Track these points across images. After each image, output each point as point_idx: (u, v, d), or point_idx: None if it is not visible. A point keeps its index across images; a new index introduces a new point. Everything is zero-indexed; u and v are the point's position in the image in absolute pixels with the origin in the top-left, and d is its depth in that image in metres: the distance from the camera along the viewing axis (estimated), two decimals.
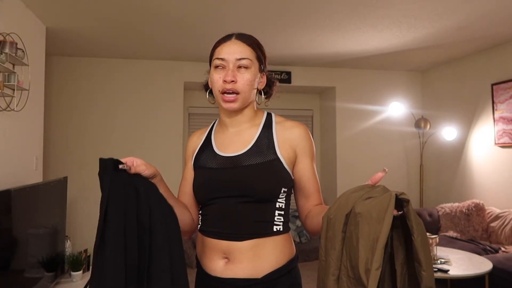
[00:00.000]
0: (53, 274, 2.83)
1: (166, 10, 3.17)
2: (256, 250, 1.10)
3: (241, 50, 1.14)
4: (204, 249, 1.16)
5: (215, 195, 1.14)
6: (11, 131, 2.81)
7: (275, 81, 1.26)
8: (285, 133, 1.17)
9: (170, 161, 4.72)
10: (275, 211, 1.13)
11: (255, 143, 1.16)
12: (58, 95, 4.48)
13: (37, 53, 3.26)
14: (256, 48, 1.17)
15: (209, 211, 1.16)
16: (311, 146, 1.18)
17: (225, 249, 1.11)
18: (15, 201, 2.23)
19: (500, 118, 4.04)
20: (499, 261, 3.15)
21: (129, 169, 1.00)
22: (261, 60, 1.19)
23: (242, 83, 1.13)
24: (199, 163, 1.21)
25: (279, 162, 1.13)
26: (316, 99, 5.75)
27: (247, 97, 1.16)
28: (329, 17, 3.35)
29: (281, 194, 1.13)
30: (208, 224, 1.16)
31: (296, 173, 1.16)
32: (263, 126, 1.20)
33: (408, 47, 4.18)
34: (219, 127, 1.27)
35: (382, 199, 0.85)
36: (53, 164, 4.34)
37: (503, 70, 4.03)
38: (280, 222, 1.14)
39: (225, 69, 1.14)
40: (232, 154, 1.16)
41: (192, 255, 4.56)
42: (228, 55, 1.14)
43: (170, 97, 4.76)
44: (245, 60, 1.13)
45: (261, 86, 1.21)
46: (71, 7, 3.11)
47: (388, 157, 5.19)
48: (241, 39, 1.16)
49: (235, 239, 1.10)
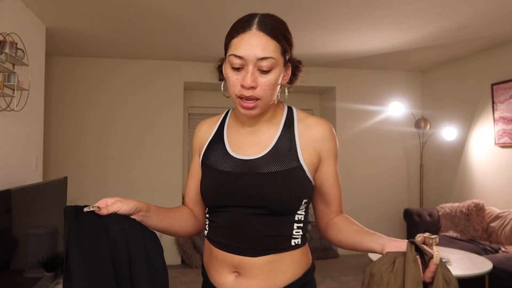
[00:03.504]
0: (53, 274, 2.83)
1: (166, 10, 3.17)
2: (271, 265, 0.98)
3: (263, 46, 0.93)
4: (212, 260, 1.04)
5: (226, 202, 1.00)
6: (11, 131, 2.81)
7: (300, 67, 1.07)
8: (308, 133, 1.02)
9: (170, 161, 4.72)
10: (294, 224, 1.00)
11: (274, 146, 1.01)
12: (58, 95, 4.48)
13: (37, 53, 3.26)
14: (281, 39, 0.96)
15: (218, 219, 1.03)
16: (335, 147, 1.05)
17: (236, 263, 0.99)
18: (15, 201, 2.23)
19: (500, 118, 4.04)
20: (499, 261, 3.15)
21: (99, 210, 0.90)
22: (287, 52, 0.99)
23: (264, 88, 0.95)
24: (209, 162, 1.06)
25: (302, 170, 0.99)
26: (316, 99, 5.75)
27: (269, 101, 0.99)
28: (329, 17, 3.35)
29: (301, 206, 1.00)
30: (216, 233, 1.04)
31: (318, 177, 1.04)
32: (283, 125, 1.04)
33: (408, 47, 4.18)
34: (233, 120, 1.10)
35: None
36: (53, 164, 4.34)
37: (503, 70, 4.03)
38: (299, 236, 1.02)
39: (243, 69, 0.94)
40: (247, 157, 1.01)
41: (192, 255, 4.57)
42: (247, 52, 0.92)
43: (170, 97, 4.76)
44: (269, 60, 0.93)
45: (285, 80, 1.03)
46: (71, 7, 3.11)
47: (388, 157, 5.19)
48: (264, 29, 0.93)
49: (247, 254, 0.98)
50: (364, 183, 5.04)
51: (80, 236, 0.87)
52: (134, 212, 0.96)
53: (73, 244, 0.85)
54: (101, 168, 4.53)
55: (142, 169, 4.64)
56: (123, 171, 4.59)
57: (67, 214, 0.89)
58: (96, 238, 0.88)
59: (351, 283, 4.00)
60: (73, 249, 0.85)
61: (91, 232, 0.88)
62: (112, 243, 0.89)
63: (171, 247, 4.65)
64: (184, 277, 4.24)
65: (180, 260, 4.71)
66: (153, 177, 4.65)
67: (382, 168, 5.17)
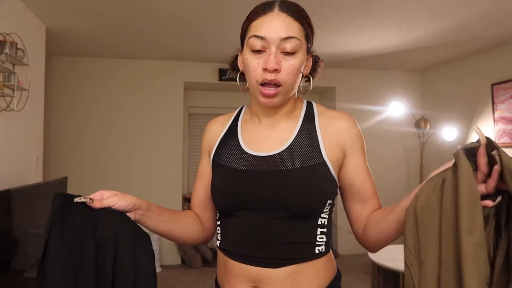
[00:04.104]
0: None
1: (166, 10, 3.17)
2: (294, 277, 0.87)
3: (287, 26, 0.86)
4: (227, 274, 0.93)
5: (240, 205, 0.90)
6: (11, 131, 2.81)
7: (319, 61, 1.00)
8: (330, 126, 0.93)
9: (170, 161, 4.72)
10: (317, 229, 0.90)
11: (295, 140, 0.91)
12: (58, 95, 4.48)
13: (37, 53, 3.26)
14: (305, 23, 0.89)
15: (232, 225, 0.92)
16: (361, 140, 0.95)
17: (254, 277, 0.88)
18: (15, 201, 2.23)
19: (500, 118, 4.04)
20: None
21: (91, 202, 0.82)
22: (310, 38, 0.92)
23: (288, 72, 0.86)
24: (220, 161, 0.96)
25: (326, 167, 0.89)
26: (316, 99, 5.75)
27: (291, 89, 0.90)
28: (329, 17, 3.35)
29: (325, 208, 0.90)
30: (231, 242, 0.92)
31: (347, 174, 0.93)
32: (303, 119, 0.95)
33: (408, 47, 4.18)
34: (249, 115, 1.00)
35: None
36: (53, 164, 4.34)
37: (503, 70, 4.03)
38: (323, 242, 0.91)
39: (265, 52, 0.86)
40: (265, 153, 0.91)
41: (192, 255, 4.57)
42: (270, 33, 0.85)
43: (170, 97, 4.76)
44: (293, 41, 0.85)
45: (307, 71, 0.95)
46: (71, 7, 3.11)
47: (388, 157, 5.19)
48: (287, 10, 0.87)
49: (267, 266, 0.87)
50: None
51: (64, 228, 0.77)
52: (131, 209, 0.88)
53: (55, 237, 0.77)
54: (101, 168, 4.53)
55: (142, 169, 4.64)
56: (123, 171, 4.59)
57: (55, 201, 0.79)
58: (82, 233, 0.78)
59: (351, 283, 4.00)
60: (53, 242, 0.76)
61: (78, 226, 0.78)
62: (100, 242, 0.79)
63: (171, 247, 4.65)
64: (184, 277, 4.24)
65: (180, 260, 4.71)
66: (153, 177, 4.65)
67: (382, 168, 5.16)
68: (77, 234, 0.78)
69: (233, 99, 4.40)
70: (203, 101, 5.28)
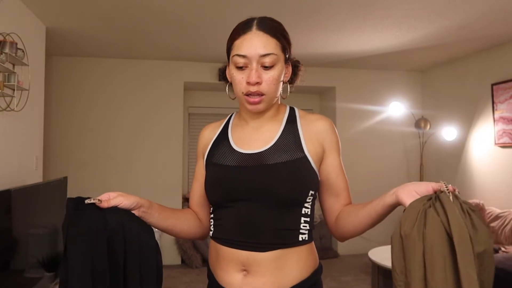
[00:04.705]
0: (53, 274, 2.83)
1: (166, 10, 3.17)
2: (279, 262, 0.98)
3: (264, 44, 0.98)
4: (219, 260, 1.04)
5: (232, 197, 1.01)
6: (11, 131, 2.81)
7: (299, 66, 1.12)
8: (310, 127, 1.06)
9: (170, 161, 4.72)
10: (301, 217, 1.01)
11: (279, 139, 1.04)
12: (58, 95, 4.48)
13: (37, 53, 3.26)
14: (281, 37, 1.02)
15: (224, 216, 1.03)
16: (337, 140, 1.08)
17: (244, 260, 0.99)
18: (15, 201, 2.23)
19: (500, 118, 4.04)
20: (499, 261, 3.15)
21: (100, 202, 0.95)
22: (287, 50, 1.04)
23: (268, 83, 1.00)
24: (213, 160, 1.08)
25: (307, 160, 1.01)
26: (316, 99, 5.75)
27: (273, 96, 1.03)
28: (329, 18, 3.35)
29: (308, 198, 1.02)
30: (222, 231, 1.04)
31: (324, 170, 1.05)
32: (286, 121, 1.08)
33: (408, 47, 4.18)
34: (237, 120, 1.14)
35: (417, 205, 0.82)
36: (53, 164, 4.34)
37: (503, 70, 4.03)
38: (306, 231, 1.02)
39: (247, 68, 1.00)
40: (253, 151, 1.03)
41: (192, 255, 4.57)
42: (250, 51, 0.98)
43: (170, 97, 4.76)
44: (271, 56, 0.98)
45: (287, 78, 1.08)
46: (71, 7, 3.11)
47: (388, 157, 5.19)
48: (263, 29, 1.00)
49: (256, 250, 0.98)
50: (364, 183, 5.03)
51: (80, 226, 0.91)
52: (135, 207, 0.99)
53: (72, 234, 0.91)
54: (101, 168, 4.53)
55: (142, 169, 4.64)
56: (123, 171, 4.60)
57: (69, 205, 0.94)
58: (94, 229, 0.91)
59: (351, 283, 4.00)
60: (71, 238, 0.90)
61: (90, 223, 0.92)
62: (110, 235, 0.92)
63: (171, 247, 4.65)
64: (184, 277, 4.24)
65: (180, 260, 4.71)
66: (153, 177, 4.65)
67: (382, 168, 5.17)
68: (90, 230, 0.91)
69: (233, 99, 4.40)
70: (203, 101, 5.28)
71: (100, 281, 0.89)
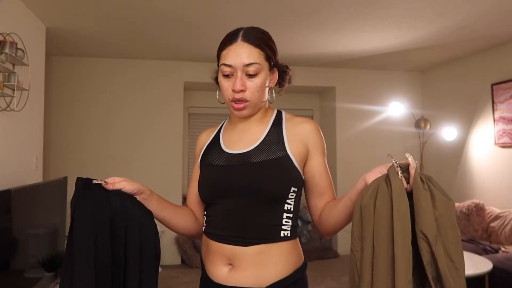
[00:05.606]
0: (53, 274, 2.83)
1: (166, 10, 3.17)
2: (261, 256, 1.04)
3: (248, 54, 1.06)
4: (208, 253, 1.11)
5: (220, 195, 1.09)
6: (11, 131, 2.82)
7: (287, 70, 1.19)
8: (295, 129, 1.12)
9: (170, 161, 4.72)
10: (283, 213, 1.07)
11: (264, 140, 1.11)
12: (58, 95, 4.48)
13: (37, 53, 3.26)
14: (264, 47, 1.09)
15: (213, 212, 1.11)
16: (322, 142, 1.14)
17: (229, 254, 1.06)
18: (15, 201, 2.23)
19: (500, 118, 4.04)
20: (499, 261, 3.15)
21: (106, 184, 1.04)
22: (271, 58, 1.11)
23: (252, 90, 1.07)
24: (205, 161, 1.17)
25: (289, 159, 1.07)
26: (316, 99, 5.75)
27: (258, 102, 1.11)
28: (329, 18, 3.35)
29: (290, 194, 1.07)
30: (212, 226, 1.11)
31: (308, 170, 1.11)
32: (272, 124, 1.15)
33: (408, 47, 4.18)
34: (228, 124, 1.22)
35: (376, 181, 0.92)
36: (53, 164, 4.34)
37: (503, 70, 4.03)
38: (288, 227, 1.08)
39: (233, 76, 1.08)
40: (239, 151, 1.11)
41: (192, 255, 4.57)
42: (235, 61, 1.06)
43: (170, 97, 4.76)
44: (254, 66, 1.06)
45: (273, 83, 1.15)
46: (71, 7, 3.11)
47: (388, 157, 5.18)
48: (248, 40, 1.08)
49: (239, 244, 1.05)
50: None
51: (86, 202, 1.00)
52: (137, 193, 1.08)
53: (79, 208, 1.00)
54: (101, 168, 4.53)
55: (142, 169, 4.64)
56: (123, 171, 4.59)
57: (77, 183, 1.03)
58: (99, 206, 1.01)
59: None
60: (78, 212, 0.99)
61: (96, 201, 1.01)
62: (113, 214, 1.02)
63: (171, 247, 4.65)
64: (184, 277, 4.24)
65: (180, 260, 4.71)
66: (153, 177, 4.64)
67: None
68: (96, 207, 1.00)
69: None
70: (203, 101, 5.28)
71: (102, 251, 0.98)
